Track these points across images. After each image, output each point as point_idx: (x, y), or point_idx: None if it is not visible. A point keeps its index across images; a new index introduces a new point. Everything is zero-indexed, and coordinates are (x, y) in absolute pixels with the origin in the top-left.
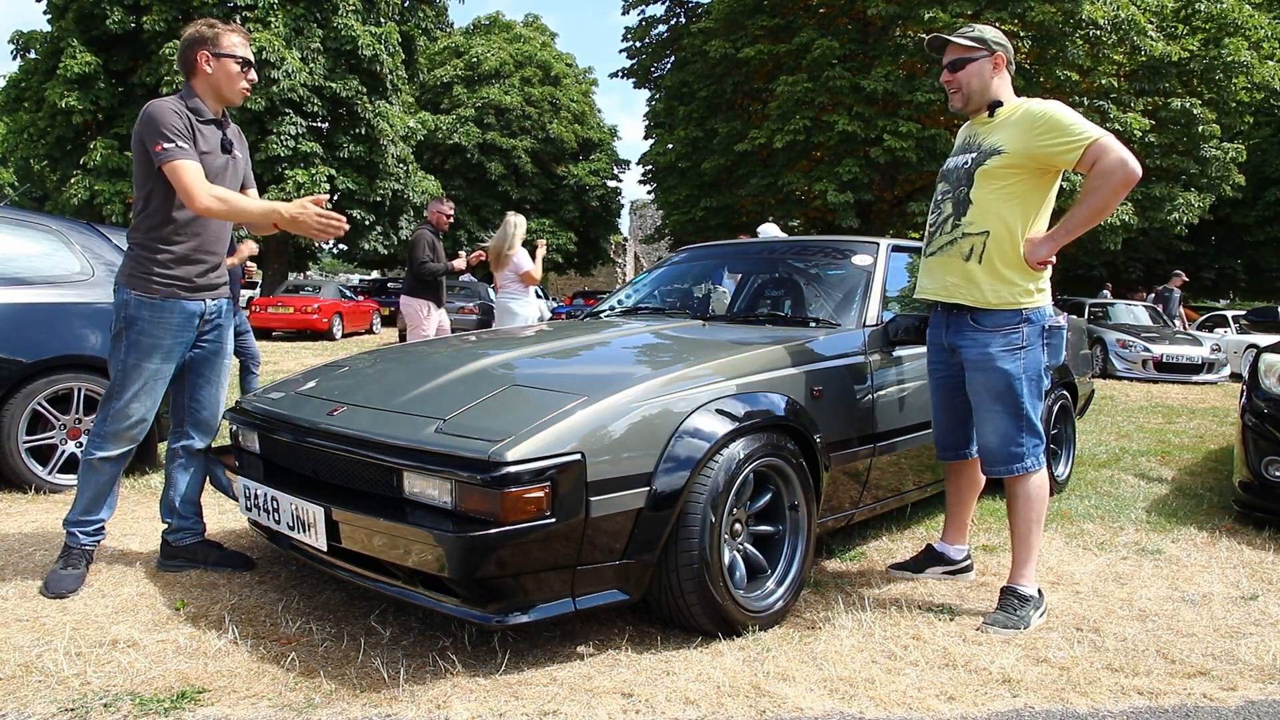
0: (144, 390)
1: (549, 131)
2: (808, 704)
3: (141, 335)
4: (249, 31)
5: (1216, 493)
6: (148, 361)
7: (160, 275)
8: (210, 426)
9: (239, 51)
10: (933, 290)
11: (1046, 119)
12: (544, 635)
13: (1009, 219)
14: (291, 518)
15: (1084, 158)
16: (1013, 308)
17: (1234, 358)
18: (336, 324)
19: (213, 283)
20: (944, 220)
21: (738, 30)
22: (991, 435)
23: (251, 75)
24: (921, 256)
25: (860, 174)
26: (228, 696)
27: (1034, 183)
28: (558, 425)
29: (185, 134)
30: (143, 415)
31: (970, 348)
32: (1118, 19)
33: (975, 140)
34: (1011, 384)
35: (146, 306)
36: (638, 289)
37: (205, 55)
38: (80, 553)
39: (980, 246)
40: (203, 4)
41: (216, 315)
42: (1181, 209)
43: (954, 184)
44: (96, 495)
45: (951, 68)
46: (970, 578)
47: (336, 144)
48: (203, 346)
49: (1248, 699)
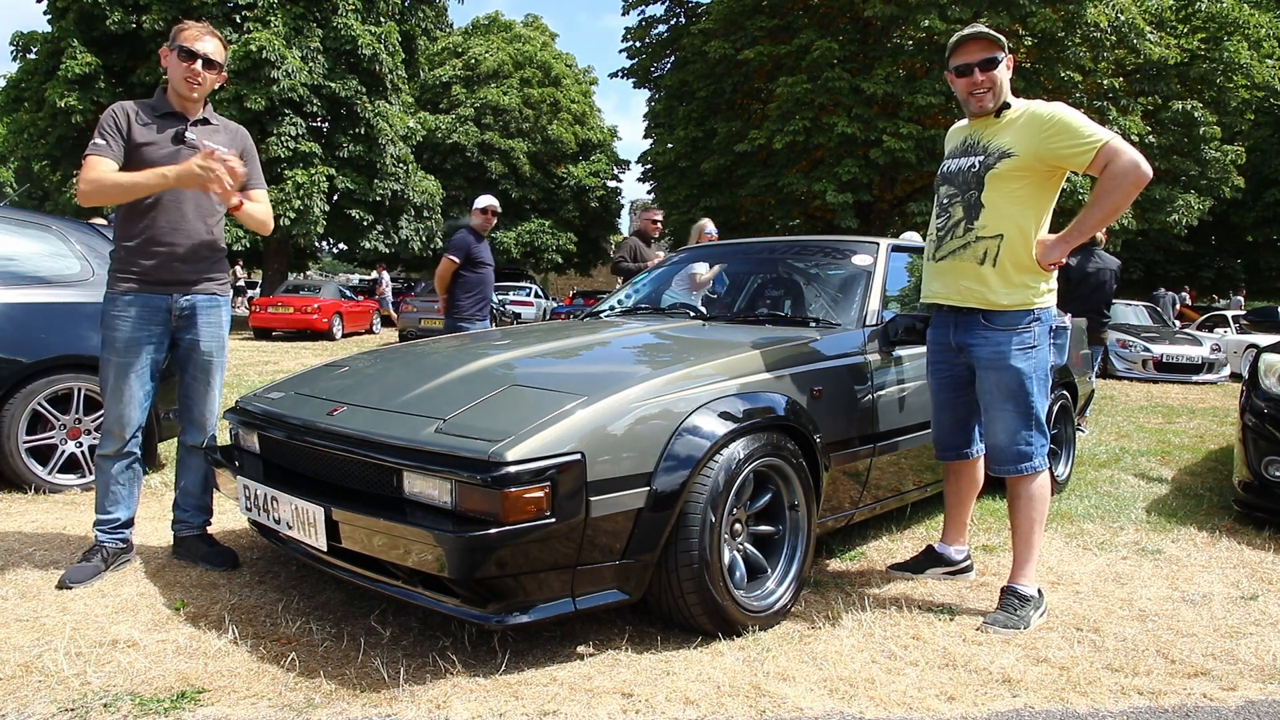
0: (117, 384)
1: (549, 132)
2: (808, 704)
3: (108, 330)
4: (249, 30)
5: (1216, 493)
6: (116, 356)
7: (123, 270)
8: (201, 424)
9: (183, 42)
10: (944, 294)
11: (1055, 121)
12: (544, 635)
13: (1021, 221)
14: (291, 517)
15: (1096, 160)
16: (1025, 308)
17: (1234, 358)
18: (336, 324)
19: (183, 277)
20: (955, 224)
21: (737, 31)
22: (1001, 434)
23: (197, 67)
24: (927, 260)
25: (860, 174)
26: (228, 696)
27: (1043, 185)
28: (558, 425)
29: (115, 130)
30: (121, 411)
31: (982, 346)
32: (1118, 21)
33: (980, 142)
34: (1023, 382)
35: (110, 301)
36: (638, 289)
37: (165, 51)
38: (97, 548)
39: (995, 250)
40: (202, 4)
41: (189, 311)
42: (1181, 211)
43: (962, 187)
44: (104, 492)
45: (983, 67)
46: (970, 578)
47: (336, 144)
48: (180, 343)
49: (1248, 699)
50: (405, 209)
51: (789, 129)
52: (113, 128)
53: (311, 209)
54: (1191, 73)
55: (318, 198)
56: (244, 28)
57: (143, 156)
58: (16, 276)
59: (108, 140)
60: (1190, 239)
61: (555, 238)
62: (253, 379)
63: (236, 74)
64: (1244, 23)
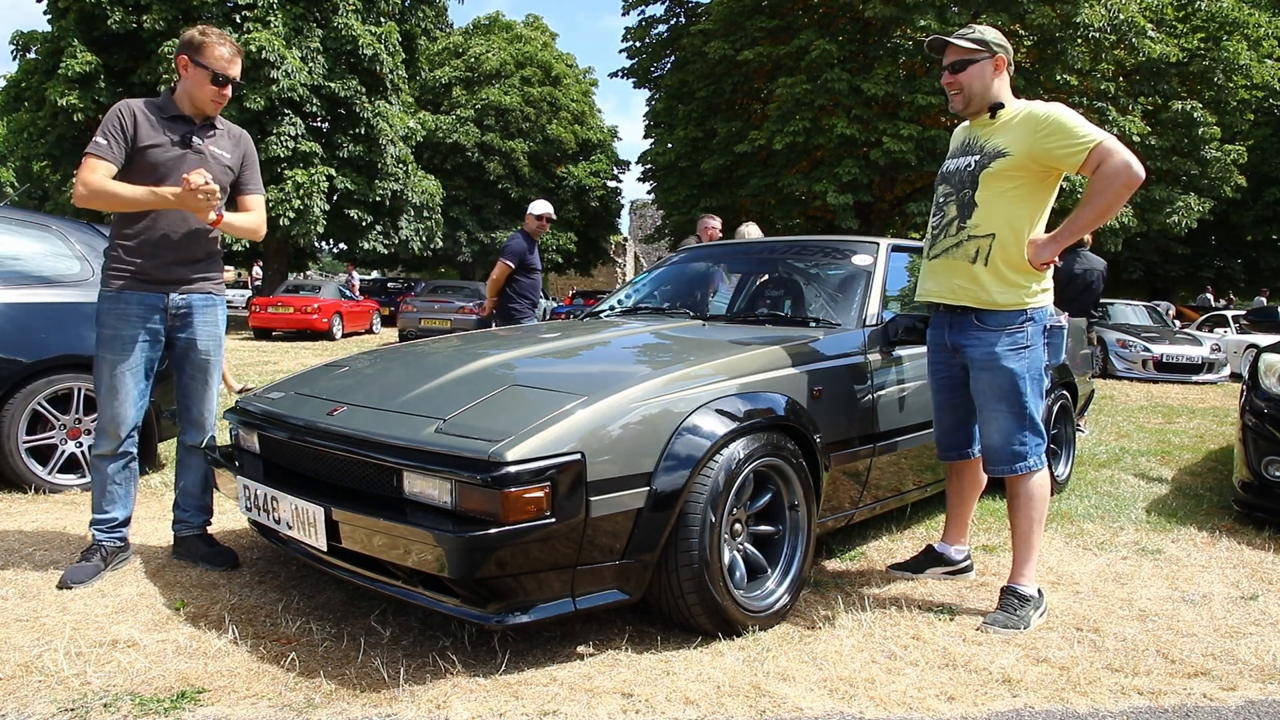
0: (114, 383)
1: (549, 132)
2: (808, 704)
3: (104, 329)
4: (249, 30)
5: (1216, 493)
6: (110, 354)
7: (118, 268)
8: (199, 424)
9: (218, 68)
10: (937, 293)
11: (1050, 122)
12: (544, 635)
13: (1014, 221)
14: (291, 517)
15: (1088, 160)
16: (1018, 308)
17: (1234, 358)
18: (336, 324)
19: (179, 276)
20: (948, 223)
21: (737, 31)
22: (995, 434)
23: (227, 92)
24: (924, 259)
25: (860, 175)
26: (228, 696)
27: (1037, 185)
28: (558, 425)
29: (119, 132)
30: (117, 410)
31: (975, 347)
32: (1117, 20)
33: (977, 142)
34: (1016, 383)
35: (106, 300)
36: (638, 289)
37: (186, 61)
38: (96, 548)
39: (986, 249)
40: (203, 3)
41: (185, 310)
42: (1181, 212)
43: (957, 186)
44: (101, 492)
45: (952, 69)
46: (970, 578)
47: (336, 144)
48: (176, 343)
49: (1248, 699)
50: (405, 209)
51: (788, 129)
52: (117, 129)
53: (311, 209)
54: (1191, 72)
55: (317, 198)
56: (244, 28)
57: (147, 158)
58: (17, 276)
59: (110, 141)
60: (1190, 239)
61: (555, 237)
62: (253, 379)
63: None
64: (1243, 22)
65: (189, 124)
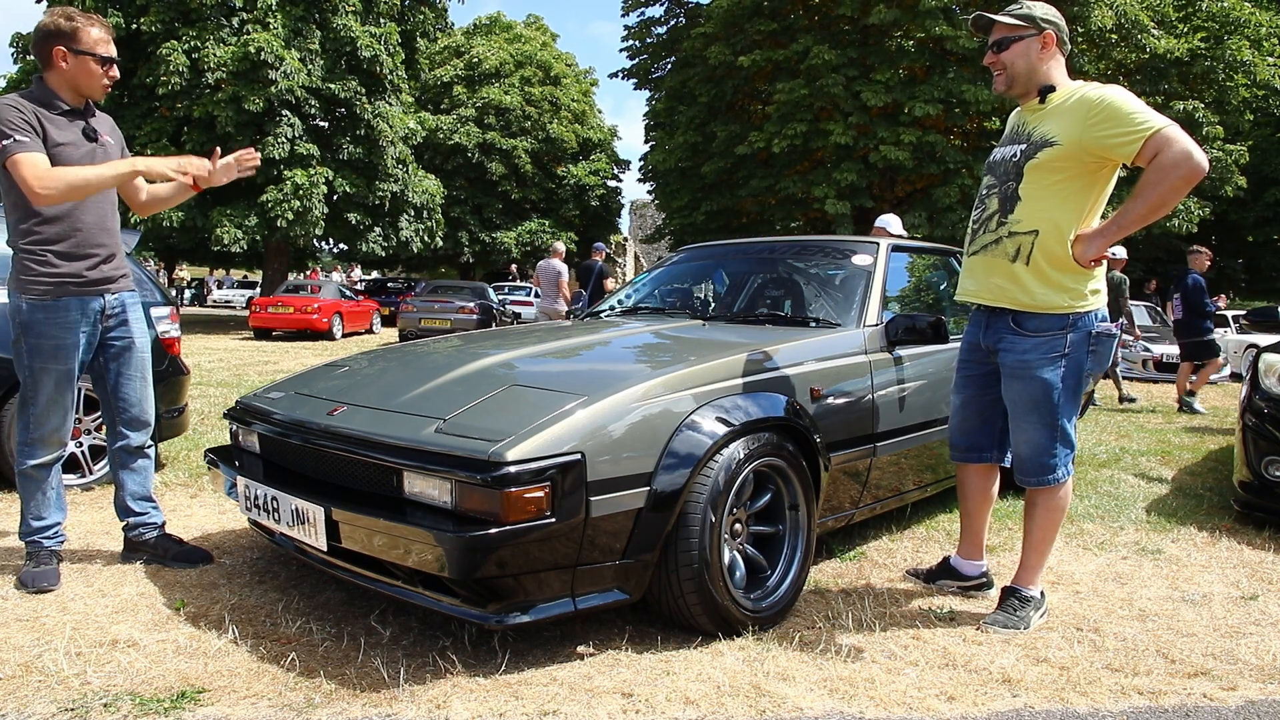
0: (56, 393)
1: (549, 131)
2: (808, 704)
3: (41, 339)
4: (248, 31)
5: (1216, 493)
6: (53, 364)
7: (47, 276)
8: (142, 422)
9: (100, 50)
10: (975, 292)
11: (1104, 107)
12: (544, 635)
13: (1059, 218)
14: (291, 517)
15: (1143, 150)
16: (1060, 312)
17: (1234, 358)
18: (336, 324)
19: (109, 275)
20: (989, 217)
21: (736, 33)
22: (1024, 445)
23: (114, 72)
24: (964, 255)
25: (858, 179)
26: (228, 696)
27: (1089, 178)
28: (558, 425)
29: (26, 128)
30: (61, 418)
31: (1008, 353)
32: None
33: (1025, 129)
34: (1049, 394)
35: (40, 309)
36: (638, 289)
37: (63, 51)
38: (49, 553)
39: (1028, 247)
40: (201, 4)
41: (120, 310)
42: (1181, 215)
43: (1001, 178)
44: (41, 502)
45: (996, 47)
46: (990, 594)
47: (335, 145)
48: (113, 344)
49: (1248, 699)
50: (405, 209)
51: (787, 132)
52: (25, 124)
53: (310, 210)
54: (1193, 72)
55: (317, 199)
56: (243, 29)
57: (61, 156)
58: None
59: (29, 137)
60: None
61: (556, 237)
62: (253, 379)
63: (235, 75)
64: (1245, 21)
65: (81, 116)
